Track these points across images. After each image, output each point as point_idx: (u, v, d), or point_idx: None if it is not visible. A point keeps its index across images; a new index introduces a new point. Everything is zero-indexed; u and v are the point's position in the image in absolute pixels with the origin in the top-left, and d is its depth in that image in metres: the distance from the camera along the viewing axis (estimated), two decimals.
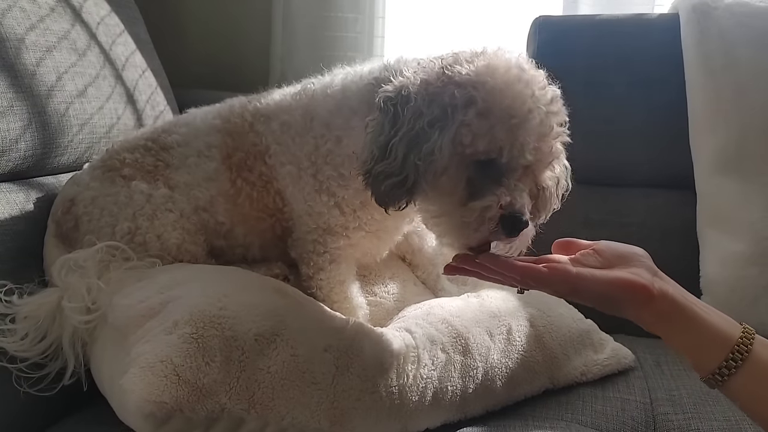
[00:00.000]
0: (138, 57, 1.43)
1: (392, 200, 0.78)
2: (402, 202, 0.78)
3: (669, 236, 1.32)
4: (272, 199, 1.01)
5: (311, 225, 0.98)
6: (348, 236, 0.97)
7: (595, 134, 1.38)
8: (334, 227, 0.96)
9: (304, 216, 0.98)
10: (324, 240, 0.98)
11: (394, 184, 0.77)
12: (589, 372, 1.00)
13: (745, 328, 0.67)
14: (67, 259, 0.89)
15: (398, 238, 1.08)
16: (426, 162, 0.75)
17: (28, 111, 1.04)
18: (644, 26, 1.41)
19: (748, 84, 1.24)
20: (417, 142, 0.76)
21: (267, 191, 1.01)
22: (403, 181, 0.76)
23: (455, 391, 0.87)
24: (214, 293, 0.81)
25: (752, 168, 1.22)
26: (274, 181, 1.00)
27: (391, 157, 0.76)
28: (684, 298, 0.69)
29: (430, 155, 0.75)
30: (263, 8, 1.78)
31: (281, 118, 0.99)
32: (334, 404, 0.79)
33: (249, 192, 1.01)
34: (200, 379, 0.72)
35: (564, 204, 0.89)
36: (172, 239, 0.97)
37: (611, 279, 0.69)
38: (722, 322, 0.68)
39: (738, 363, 0.64)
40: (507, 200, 0.75)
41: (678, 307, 0.68)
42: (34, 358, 0.83)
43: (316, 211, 0.96)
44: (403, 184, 0.77)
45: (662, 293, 0.67)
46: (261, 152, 1.00)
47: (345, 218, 0.95)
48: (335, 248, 0.98)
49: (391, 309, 1.06)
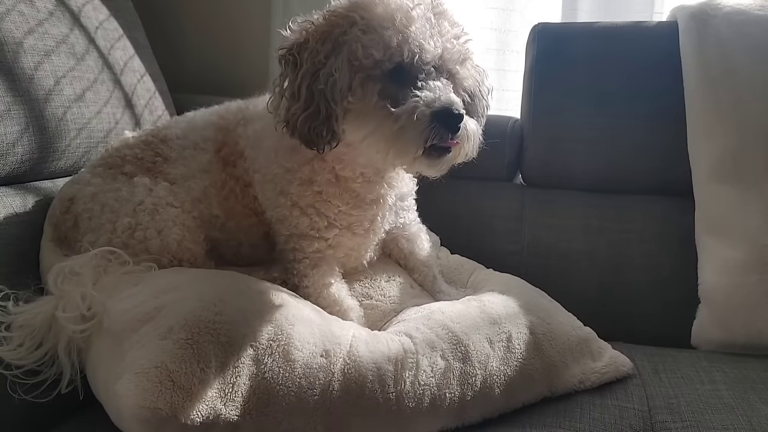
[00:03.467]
0: (136, 61, 1.43)
1: (318, 137, 0.84)
2: (327, 136, 0.84)
3: (667, 243, 1.32)
4: (252, 200, 1.04)
5: (285, 232, 1.01)
6: (322, 237, 0.99)
7: (593, 141, 1.38)
8: (304, 231, 0.98)
9: (276, 224, 1.01)
10: (300, 246, 1.00)
11: (309, 116, 0.82)
12: (587, 380, 1.00)
13: None
14: (62, 267, 0.89)
15: (379, 234, 1.08)
16: (329, 86, 0.81)
17: (26, 115, 1.04)
18: (643, 34, 1.41)
19: (746, 92, 1.24)
20: (317, 75, 0.82)
21: (247, 192, 1.04)
22: (316, 112, 0.82)
23: (453, 398, 0.86)
24: (209, 298, 0.80)
25: (751, 175, 1.22)
26: (251, 186, 1.03)
27: (300, 96, 0.83)
28: None
29: (329, 77, 0.81)
30: (262, 13, 1.78)
31: (255, 125, 1.02)
32: (330, 410, 0.78)
33: (233, 186, 1.03)
34: (195, 385, 0.71)
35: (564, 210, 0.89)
36: (172, 235, 0.97)
37: None
38: None
39: None
40: (429, 95, 0.81)
41: None
42: (30, 366, 0.82)
43: (283, 216, 0.99)
44: (317, 115, 0.82)
45: None
46: (240, 153, 1.03)
47: (310, 219, 0.97)
48: (313, 252, 1.00)
49: (387, 311, 1.06)
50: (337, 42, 0.84)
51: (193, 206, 1.02)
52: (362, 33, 0.83)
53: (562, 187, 1.42)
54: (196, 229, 1.01)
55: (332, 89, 0.82)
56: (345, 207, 0.98)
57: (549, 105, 0.93)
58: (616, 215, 1.37)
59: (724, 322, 1.18)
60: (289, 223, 0.99)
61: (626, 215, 1.37)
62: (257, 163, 1.00)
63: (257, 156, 1.00)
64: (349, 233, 1.01)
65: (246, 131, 1.02)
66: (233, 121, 1.05)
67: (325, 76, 0.82)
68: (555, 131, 1.40)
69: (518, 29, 1.68)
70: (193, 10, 1.88)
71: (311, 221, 0.97)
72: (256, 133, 1.01)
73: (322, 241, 0.99)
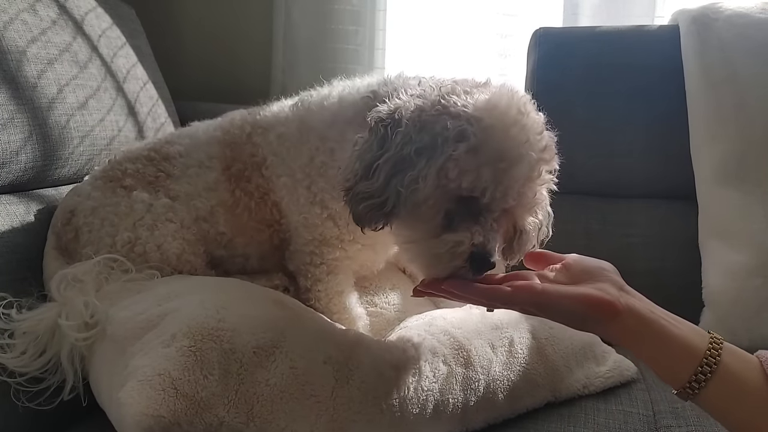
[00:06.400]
0: (139, 69, 1.43)
1: (369, 221, 0.77)
2: (379, 224, 0.77)
3: (671, 247, 1.32)
4: (269, 210, 1.02)
5: (307, 237, 0.98)
6: (344, 248, 0.98)
7: (595, 146, 1.38)
8: (329, 239, 0.97)
9: (299, 228, 0.99)
10: (320, 251, 0.98)
11: (373, 205, 0.76)
12: (591, 384, 0.99)
13: (713, 337, 0.67)
14: (65, 274, 0.89)
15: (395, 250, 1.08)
16: (408, 189, 0.74)
17: (29, 123, 1.04)
18: (644, 38, 1.41)
19: (748, 95, 1.24)
20: (402, 168, 0.75)
21: (264, 203, 1.01)
22: (383, 204, 0.75)
23: (456, 404, 0.86)
24: (212, 305, 0.80)
25: (753, 179, 1.22)
26: (271, 192, 1.01)
27: (374, 179, 0.75)
28: (651, 312, 0.68)
29: (413, 183, 0.74)
30: (264, 21, 1.79)
31: (278, 129, 0.99)
32: (333, 417, 0.78)
33: (247, 202, 1.01)
34: (198, 392, 0.71)
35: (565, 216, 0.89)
36: (172, 249, 0.97)
37: (576, 294, 0.68)
38: (691, 334, 0.67)
39: (708, 375, 0.64)
40: (480, 240, 0.74)
41: (644, 321, 0.67)
42: (33, 373, 0.83)
43: (311, 223, 0.96)
44: (382, 206, 0.76)
45: (628, 308, 0.67)
46: (258, 163, 1.00)
47: (339, 231, 0.96)
48: (332, 259, 0.99)
49: (392, 319, 1.06)
50: (436, 143, 0.74)
51: (195, 224, 1.01)
52: (466, 154, 0.73)
53: (563, 191, 1.40)
54: (195, 243, 1.01)
55: (409, 195, 0.74)
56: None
57: (550, 109, 0.93)
58: (619, 220, 1.37)
59: (728, 325, 1.17)
60: (316, 230, 0.97)
61: (629, 220, 1.37)
62: (284, 167, 0.98)
63: (285, 160, 0.97)
64: (370, 250, 1.01)
65: (266, 138, 1.00)
66: (240, 135, 1.03)
67: (409, 180, 0.74)
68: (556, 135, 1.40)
69: (519, 34, 1.69)
70: (195, 19, 1.89)
71: (339, 232, 0.96)
72: (281, 138, 0.98)
73: (343, 251, 0.98)
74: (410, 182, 0.74)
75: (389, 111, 0.78)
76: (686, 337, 0.67)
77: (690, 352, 0.66)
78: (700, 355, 0.65)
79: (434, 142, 0.74)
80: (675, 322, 0.69)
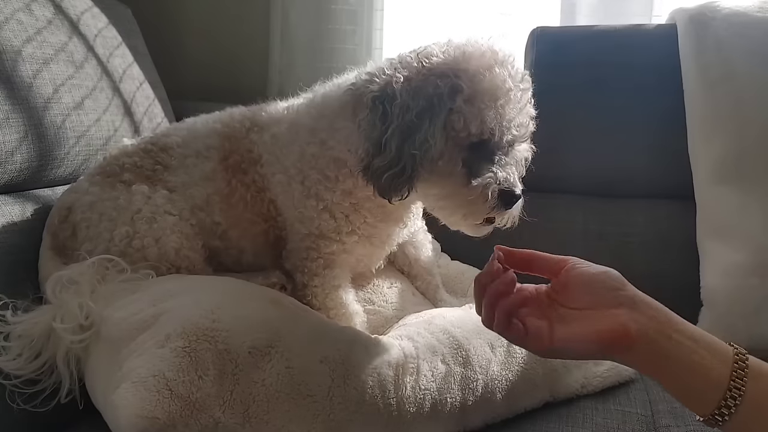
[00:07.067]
0: (136, 69, 1.43)
1: (395, 190, 0.84)
2: (404, 191, 0.84)
3: (669, 247, 1.32)
4: (266, 206, 1.03)
5: (303, 231, 1.00)
6: (341, 241, 0.99)
7: (593, 145, 1.38)
8: (326, 232, 0.99)
9: (296, 223, 1.00)
10: (317, 245, 0.99)
11: (394, 174, 0.82)
12: (589, 384, 0.99)
13: (737, 355, 0.63)
14: (60, 276, 0.89)
15: (392, 247, 1.09)
16: (422, 150, 0.81)
17: (25, 123, 1.04)
18: (642, 37, 1.41)
19: (746, 94, 1.24)
20: (409, 134, 0.81)
21: (261, 198, 1.03)
22: (402, 171, 0.82)
23: (454, 403, 0.86)
24: (207, 305, 0.80)
25: (752, 178, 1.22)
26: (267, 190, 1.02)
27: (387, 151, 0.82)
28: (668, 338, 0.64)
29: (424, 143, 0.81)
30: (262, 21, 1.78)
31: (272, 129, 1.02)
32: (330, 417, 0.78)
33: (243, 193, 1.03)
34: (193, 393, 0.71)
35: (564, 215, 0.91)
36: (170, 243, 0.97)
37: (587, 334, 0.65)
38: (712, 361, 0.63)
39: (734, 406, 0.60)
40: (503, 176, 0.84)
41: (659, 350, 0.63)
42: (29, 376, 0.82)
43: (307, 217, 0.98)
44: (402, 173, 0.82)
45: (641, 335, 0.63)
46: (254, 160, 1.03)
47: (336, 222, 0.98)
48: (328, 253, 1.00)
49: (389, 317, 1.06)
50: (433, 103, 0.82)
51: (192, 214, 1.02)
52: (464, 104, 0.82)
53: (561, 191, 1.42)
54: (194, 237, 1.01)
55: (424, 155, 0.81)
56: (372, 219, 0.99)
57: (547, 109, 0.93)
58: (617, 220, 1.36)
59: (726, 325, 1.17)
60: (312, 223, 0.98)
61: (627, 219, 1.36)
62: (278, 165, 1.00)
63: (279, 158, 1.00)
64: (367, 242, 1.02)
65: (262, 137, 1.02)
66: (240, 129, 1.04)
67: (419, 141, 0.81)
68: (554, 135, 1.39)
69: (516, 33, 1.68)
70: (192, 18, 1.88)
71: (337, 224, 0.98)
72: (276, 137, 1.01)
73: (340, 244, 1.00)
74: (421, 143, 0.81)
75: (381, 87, 0.84)
76: (707, 365, 0.62)
77: (713, 382, 0.61)
78: (724, 385, 0.61)
79: (431, 102, 0.82)
80: (692, 341, 0.64)
